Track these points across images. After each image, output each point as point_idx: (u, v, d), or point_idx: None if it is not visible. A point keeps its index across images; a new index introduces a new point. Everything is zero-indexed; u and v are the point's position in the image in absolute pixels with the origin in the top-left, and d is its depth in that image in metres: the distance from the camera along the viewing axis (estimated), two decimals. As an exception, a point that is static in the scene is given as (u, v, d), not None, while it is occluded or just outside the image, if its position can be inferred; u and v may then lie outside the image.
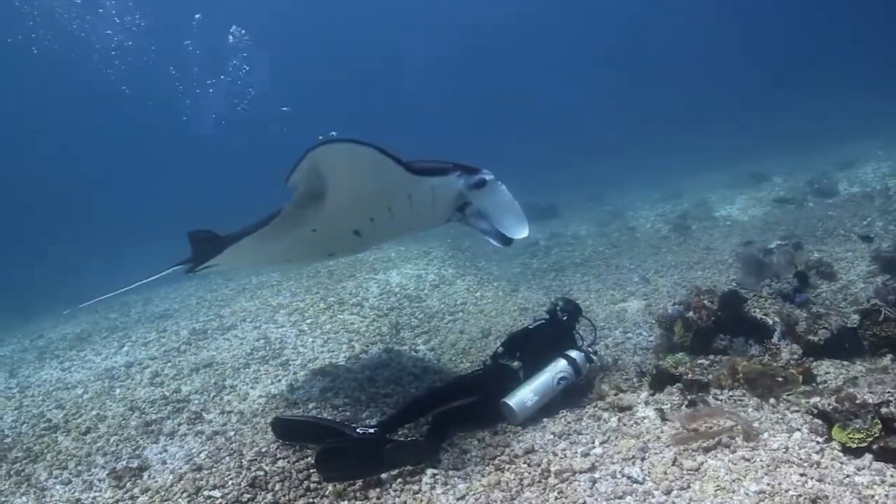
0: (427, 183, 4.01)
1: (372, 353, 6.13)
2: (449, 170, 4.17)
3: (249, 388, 5.49)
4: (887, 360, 3.99)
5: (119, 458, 4.40)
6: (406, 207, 4.13)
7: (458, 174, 4.19)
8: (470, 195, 4.28)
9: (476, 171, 4.27)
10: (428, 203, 4.16)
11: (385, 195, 4.01)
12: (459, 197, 4.28)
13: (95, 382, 6.30)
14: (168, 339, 7.65)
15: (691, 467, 3.03)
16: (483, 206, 4.35)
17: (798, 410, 3.50)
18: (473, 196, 4.29)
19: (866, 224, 8.31)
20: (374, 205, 4.09)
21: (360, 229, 4.31)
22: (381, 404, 4.65)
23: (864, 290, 5.57)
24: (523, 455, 3.53)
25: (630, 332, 5.97)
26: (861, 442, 3.00)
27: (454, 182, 4.18)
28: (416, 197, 4.06)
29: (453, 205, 4.34)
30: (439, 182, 4.10)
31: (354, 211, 4.07)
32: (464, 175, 4.21)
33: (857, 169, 12.62)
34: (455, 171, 4.19)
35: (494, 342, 6.18)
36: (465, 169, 4.24)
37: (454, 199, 4.30)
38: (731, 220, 11.20)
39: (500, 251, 10.99)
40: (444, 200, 4.26)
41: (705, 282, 7.22)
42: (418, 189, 4.01)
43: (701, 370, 4.22)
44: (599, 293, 7.71)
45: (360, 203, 4.00)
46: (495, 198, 4.36)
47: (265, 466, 3.80)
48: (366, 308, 7.76)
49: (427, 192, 4.07)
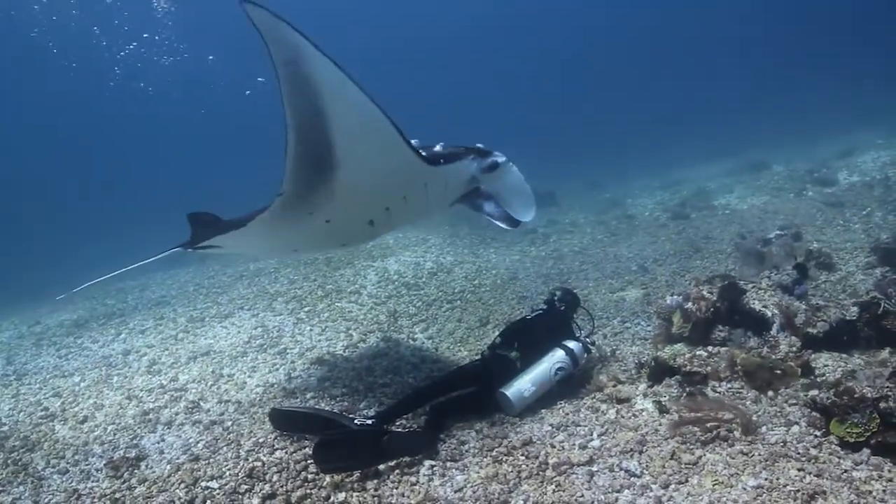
0: (442, 170, 4.00)
1: (370, 342, 6.13)
2: (462, 154, 4.19)
3: (247, 377, 5.48)
4: (885, 353, 3.98)
5: (116, 448, 4.38)
6: (421, 195, 4.13)
7: (471, 158, 4.22)
8: (482, 178, 4.33)
9: (489, 153, 4.31)
10: (441, 189, 4.17)
11: (401, 184, 3.99)
12: (472, 181, 4.33)
13: (93, 370, 6.28)
14: (166, 326, 7.63)
15: (689, 461, 3.03)
16: (494, 187, 4.43)
17: (796, 403, 3.50)
18: (485, 179, 4.34)
19: (865, 214, 8.29)
20: (390, 194, 4.07)
21: (374, 219, 4.27)
22: (379, 394, 4.64)
23: (863, 282, 5.56)
24: (521, 447, 3.52)
25: (628, 322, 5.97)
26: (859, 437, 3.00)
27: (468, 166, 4.21)
28: (432, 184, 4.07)
29: (465, 189, 4.39)
30: (454, 168, 4.12)
31: (370, 200, 4.04)
32: (477, 158, 4.26)
33: (857, 158, 12.59)
34: (468, 155, 4.21)
35: (492, 331, 6.19)
36: (479, 152, 4.28)
37: (467, 183, 4.34)
38: (730, 209, 11.18)
39: (499, 238, 11.00)
40: (456, 185, 4.29)
41: (704, 271, 7.22)
42: (434, 177, 4.00)
43: (699, 362, 4.21)
44: (598, 282, 7.70)
45: (376, 192, 3.97)
46: (506, 179, 4.42)
47: (262, 457, 3.79)
48: (363, 296, 7.75)
49: (441, 179, 4.08)
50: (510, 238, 10.97)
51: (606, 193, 15.71)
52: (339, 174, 3.55)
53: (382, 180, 3.84)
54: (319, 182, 3.61)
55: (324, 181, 3.60)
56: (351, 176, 3.59)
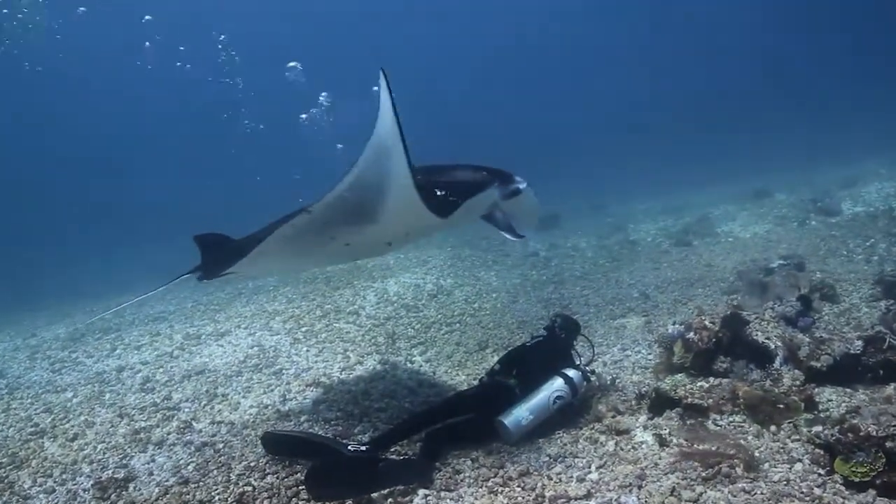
0: (465, 205, 4.04)
1: (367, 365, 6.05)
2: (486, 183, 4.21)
3: (241, 398, 5.41)
4: (891, 389, 3.91)
5: (105, 468, 4.31)
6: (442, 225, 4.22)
7: (494, 186, 4.25)
8: (502, 204, 4.40)
9: (511, 180, 4.34)
10: (462, 216, 4.20)
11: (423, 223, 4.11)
12: (493, 206, 4.41)
13: (86, 386, 6.21)
14: (161, 343, 7.57)
15: (690, 498, 2.94)
16: (509, 208, 4.49)
17: (799, 439, 3.43)
18: (505, 204, 4.40)
19: (869, 245, 8.24)
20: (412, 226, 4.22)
21: (392, 241, 4.44)
22: (375, 419, 4.57)
23: (867, 315, 5.49)
24: (517, 478, 3.44)
25: (629, 350, 5.88)
26: (864, 476, 2.92)
27: (490, 195, 4.25)
28: (455, 215, 4.09)
29: (484, 212, 4.49)
30: (476, 199, 4.15)
31: (393, 230, 4.17)
32: (500, 186, 4.29)
33: (861, 188, 12.55)
34: (492, 184, 4.24)
35: (491, 355, 6.12)
36: (501, 178, 4.30)
37: (487, 208, 4.43)
38: (733, 237, 11.12)
39: (500, 261, 10.95)
40: (477, 211, 4.38)
41: (706, 300, 7.16)
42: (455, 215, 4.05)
43: (701, 394, 4.14)
44: (598, 308, 7.62)
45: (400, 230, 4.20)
46: (524, 204, 4.50)
47: (253, 482, 3.71)
48: (362, 317, 7.68)
49: (462, 211, 4.09)
50: (511, 261, 10.92)
51: (609, 217, 15.65)
52: (374, 226, 3.79)
53: (410, 229, 4.19)
54: (352, 223, 3.76)
55: (356, 224, 3.77)
56: (383, 227, 3.84)
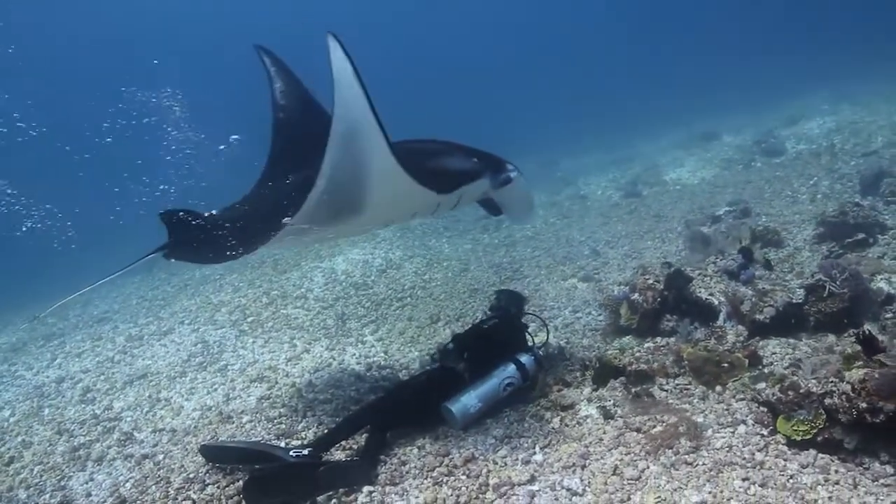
0: (457, 192, 3.97)
1: (314, 352, 5.87)
2: (479, 173, 4.12)
3: (184, 401, 5.21)
4: (832, 338, 3.90)
5: (42, 492, 4.11)
6: (431, 211, 4.18)
7: (487, 175, 4.16)
8: (493, 193, 4.35)
9: (503, 168, 4.27)
10: (452, 204, 4.15)
11: (414, 210, 4.08)
12: (484, 194, 4.36)
13: (24, 402, 5.93)
14: (103, 347, 7.27)
15: (632, 476, 2.88)
16: (500, 196, 4.49)
17: (744, 399, 3.41)
18: (496, 193, 4.37)
19: (812, 184, 8.28)
20: (400, 217, 4.26)
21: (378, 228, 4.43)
22: (319, 412, 4.42)
23: (810, 260, 5.49)
24: (462, 465, 3.35)
25: (580, 312, 5.83)
26: (805, 434, 2.89)
27: (482, 185, 4.18)
28: (444, 204, 4.06)
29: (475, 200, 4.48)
30: (468, 188, 4.07)
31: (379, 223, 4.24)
32: (492, 175, 4.20)
33: (804, 125, 12.61)
34: (485, 173, 4.15)
35: (443, 328, 6.03)
36: (494, 167, 4.22)
37: (478, 196, 4.40)
38: (681, 184, 11.13)
39: (451, 227, 10.80)
40: (468, 199, 4.33)
41: (654, 253, 7.15)
42: (448, 199, 3.98)
43: (647, 357, 4.11)
44: (550, 269, 7.55)
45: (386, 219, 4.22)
46: (515, 192, 4.46)
47: (193, 494, 3.57)
48: (310, 300, 7.49)
49: (454, 198, 4.03)
50: (462, 226, 10.77)
51: (559, 172, 15.53)
52: (360, 217, 3.61)
53: (397, 213, 4.08)
54: (338, 221, 3.62)
55: (342, 220, 3.61)
56: (370, 216, 3.66)
